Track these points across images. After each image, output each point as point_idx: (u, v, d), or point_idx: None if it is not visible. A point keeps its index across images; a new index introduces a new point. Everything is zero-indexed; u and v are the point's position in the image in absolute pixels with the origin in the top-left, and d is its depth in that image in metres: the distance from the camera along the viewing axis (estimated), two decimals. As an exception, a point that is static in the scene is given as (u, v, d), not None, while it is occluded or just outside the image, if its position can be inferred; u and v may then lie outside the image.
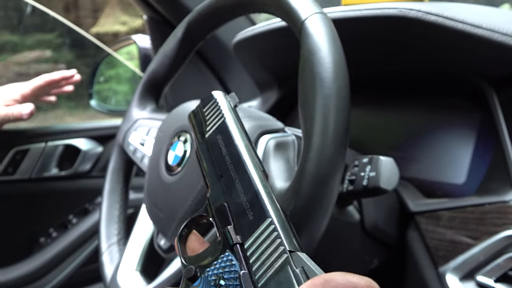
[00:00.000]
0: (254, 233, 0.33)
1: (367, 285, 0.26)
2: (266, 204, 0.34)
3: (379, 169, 0.62)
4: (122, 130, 0.92)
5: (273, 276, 0.30)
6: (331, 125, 0.50)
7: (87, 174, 1.47)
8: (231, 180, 0.38)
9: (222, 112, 0.45)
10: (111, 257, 0.87)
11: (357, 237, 0.72)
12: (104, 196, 0.91)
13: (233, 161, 0.40)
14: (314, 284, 0.26)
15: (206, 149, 0.43)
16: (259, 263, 0.31)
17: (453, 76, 0.78)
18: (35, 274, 1.38)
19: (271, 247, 0.31)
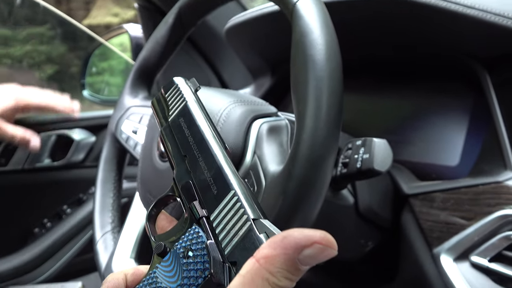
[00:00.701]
0: (218, 206, 0.35)
1: (322, 236, 0.28)
2: (229, 178, 0.36)
3: (373, 150, 0.62)
4: (114, 118, 0.91)
5: (238, 243, 0.32)
6: (324, 107, 0.50)
7: (80, 164, 1.47)
8: (194, 159, 0.40)
9: (183, 96, 0.47)
10: (106, 245, 0.87)
11: (352, 220, 0.72)
12: (98, 185, 0.90)
13: (195, 140, 0.41)
14: (274, 242, 0.28)
15: (170, 132, 0.45)
16: (225, 233, 0.33)
17: (447, 58, 0.78)
18: (30, 264, 1.38)
19: (235, 217, 0.33)
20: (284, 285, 0.28)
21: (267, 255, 0.28)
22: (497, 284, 0.62)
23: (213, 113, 0.66)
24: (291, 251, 0.28)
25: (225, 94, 0.71)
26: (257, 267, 0.28)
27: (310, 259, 0.28)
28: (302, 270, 0.28)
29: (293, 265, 0.28)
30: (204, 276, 0.32)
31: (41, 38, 2.78)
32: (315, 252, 0.28)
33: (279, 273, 0.28)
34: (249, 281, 0.28)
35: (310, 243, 0.28)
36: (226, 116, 0.65)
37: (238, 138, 0.64)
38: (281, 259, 0.28)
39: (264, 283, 0.28)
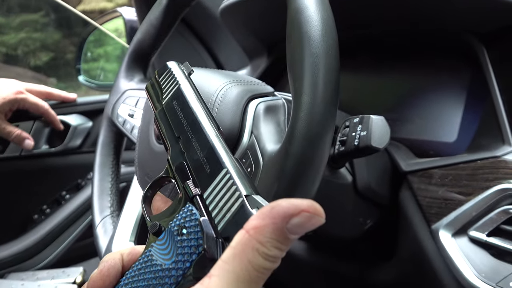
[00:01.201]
0: (211, 184, 0.36)
1: (309, 205, 0.28)
2: (221, 157, 0.37)
3: (370, 127, 0.62)
4: (110, 102, 0.91)
5: (231, 219, 0.32)
6: (321, 84, 0.49)
7: (77, 149, 1.47)
8: (188, 140, 0.41)
9: (176, 79, 0.47)
10: (105, 229, 0.87)
11: (350, 198, 0.72)
12: (95, 170, 0.90)
13: (189, 122, 0.42)
14: (262, 213, 0.29)
15: (163, 115, 0.45)
16: (218, 209, 0.34)
17: (444, 34, 0.78)
18: (31, 251, 1.38)
19: (228, 194, 0.34)
20: (274, 254, 0.29)
21: (256, 225, 0.29)
22: (496, 258, 0.62)
23: (209, 94, 0.66)
24: (279, 220, 0.28)
25: (221, 74, 0.70)
26: (246, 237, 0.29)
27: (298, 227, 0.28)
28: (291, 240, 0.29)
29: (282, 234, 0.28)
30: (198, 252, 0.33)
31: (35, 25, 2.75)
32: (303, 221, 0.28)
33: (268, 243, 0.28)
34: (239, 252, 0.29)
35: (298, 212, 0.28)
36: (223, 96, 0.65)
37: (235, 118, 0.63)
38: (270, 229, 0.28)
39: (254, 253, 0.28)
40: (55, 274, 1.29)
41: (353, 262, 0.87)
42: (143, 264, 0.35)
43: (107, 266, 0.37)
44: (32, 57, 2.79)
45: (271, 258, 0.29)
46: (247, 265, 0.28)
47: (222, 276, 0.29)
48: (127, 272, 0.35)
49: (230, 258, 0.29)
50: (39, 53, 2.79)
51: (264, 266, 0.29)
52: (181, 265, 0.33)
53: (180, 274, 0.33)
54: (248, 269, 0.28)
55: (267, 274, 0.29)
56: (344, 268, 0.87)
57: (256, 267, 0.28)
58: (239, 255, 0.29)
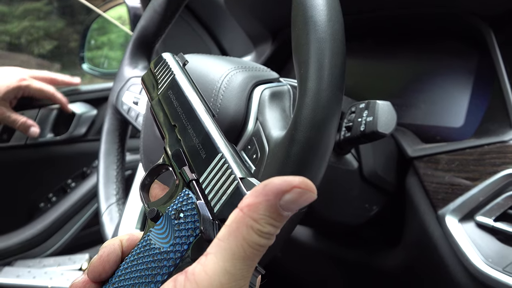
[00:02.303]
0: (207, 168, 0.37)
1: (301, 181, 0.29)
2: (216, 142, 0.38)
3: (376, 113, 0.62)
4: (114, 90, 0.91)
5: (226, 201, 0.33)
6: (326, 69, 0.49)
7: (82, 137, 1.47)
8: (183, 127, 0.42)
9: (171, 70, 0.48)
10: (111, 216, 0.87)
11: (356, 184, 0.72)
12: (101, 157, 0.90)
13: (184, 110, 0.43)
14: (255, 190, 0.30)
15: (159, 105, 0.46)
16: (214, 192, 0.35)
17: (451, 17, 0.77)
18: (37, 239, 1.39)
19: (223, 177, 0.35)
20: (268, 231, 0.29)
21: (249, 203, 0.30)
22: (503, 243, 0.62)
23: (214, 80, 0.66)
24: (272, 197, 0.29)
25: (226, 61, 0.70)
26: (241, 215, 0.30)
27: (291, 203, 0.29)
28: (284, 216, 0.30)
29: (275, 211, 0.29)
30: (195, 235, 0.34)
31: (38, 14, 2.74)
32: (295, 196, 0.29)
33: (262, 220, 0.29)
34: (234, 230, 0.30)
35: (290, 188, 0.29)
36: (227, 83, 0.65)
37: (240, 105, 0.63)
38: (263, 206, 0.29)
39: (249, 230, 0.29)
40: (62, 261, 1.30)
41: (359, 248, 0.87)
42: (141, 248, 0.35)
43: (106, 251, 0.37)
44: (36, 46, 2.78)
45: (265, 235, 0.29)
46: (242, 242, 0.29)
47: (218, 253, 0.29)
48: (127, 257, 0.36)
49: (225, 236, 0.30)
50: (42, 41, 2.78)
51: (259, 242, 0.29)
52: (179, 248, 0.34)
53: (178, 256, 0.34)
54: (243, 246, 0.29)
55: (262, 250, 0.30)
56: (350, 254, 0.87)
57: (251, 244, 0.29)
58: (234, 232, 0.29)
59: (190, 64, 0.73)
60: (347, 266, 0.90)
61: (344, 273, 0.91)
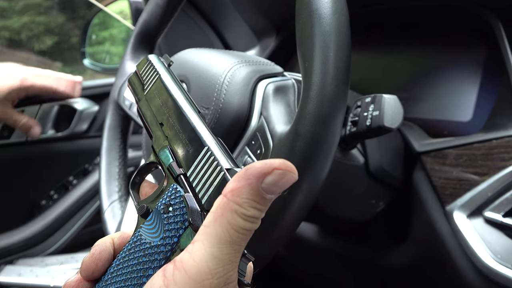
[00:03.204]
0: (194, 162, 0.38)
1: (281, 162, 0.30)
2: (202, 136, 0.39)
3: (383, 107, 0.62)
4: (116, 85, 0.91)
5: (214, 192, 0.34)
6: (332, 62, 0.49)
7: (84, 134, 1.47)
8: (170, 125, 0.43)
9: (157, 71, 0.49)
10: (113, 214, 0.87)
11: (362, 180, 0.72)
12: (102, 154, 0.91)
13: (170, 108, 0.44)
14: (238, 175, 0.31)
15: (146, 105, 0.48)
16: (201, 185, 0.36)
17: (458, 10, 0.77)
18: (38, 236, 1.39)
19: (210, 169, 0.36)
20: (252, 214, 0.31)
21: (232, 188, 0.31)
22: None
23: (217, 75, 0.66)
24: (254, 180, 0.30)
25: (229, 55, 0.70)
26: (225, 201, 0.31)
27: (272, 185, 0.30)
28: (267, 199, 0.31)
29: (258, 194, 0.30)
30: (184, 227, 0.35)
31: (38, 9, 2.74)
32: (276, 178, 0.30)
33: (246, 203, 0.30)
34: (219, 215, 0.31)
35: (271, 170, 0.30)
36: (231, 77, 0.65)
37: (243, 100, 0.63)
38: (246, 190, 0.30)
39: (233, 214, 0.30)
40: (64, 259, 1.31)
41: (365, 245, 0.87)
42: (132, 244, 0.37)
43: (98, 250, 0.38)
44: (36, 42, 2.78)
45: (250, 219, 0.31)
46: (227, 226, 0.30)
47: (205, 239, 0.30)
48: (118, 254, 0.37)
49: (210, 222, 0.31)
50: (43, 37, 2.78)
51: (244, 226, 0.31)
52: (169, 241, 0.35)
53: (168, 249, 0.35)
54: (228, 230, 0.30)
55: (248, 234, 0.31)
56: (356, 251, 0.88)
57: (236, 228, 0.30)
58: (219, 218, 0.31)
59: (193, 58, 0.73)
60: (352, 264, 0.90)
61: (350, 271, 0.92)
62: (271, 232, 0.52)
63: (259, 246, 0.52)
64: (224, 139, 0.64)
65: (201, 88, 0.68)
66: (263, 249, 0.53)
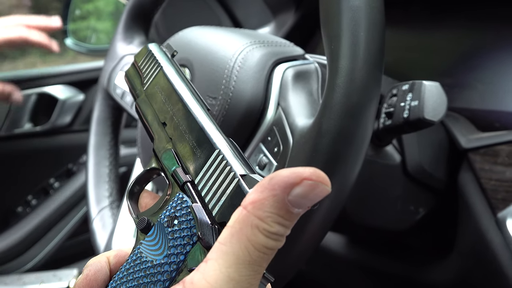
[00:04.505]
0: (203, 168, 0.38)
1: (312, 172, 0.30)
2: (212, 138, 0.39)
3: (423, 96, 0.62)
4: (106, 70, 0.92)
5: (227, 202, 0.34)
6: (362, 43, 0.50)
7: (67, 128, 1.48)
8: (175, 124, 0.43)
9: (158, 62, 0.50)
10: (103, 223, 0.88)
11: (399, 182, 0.72)
12: (90, 152, 0.92)
13: (174, 105, 0.45)
14: (260, 185, 0.30)
15: (146, 102, 0.48)
16: (211, 194, 0.36)
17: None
18: (14, 250, 1.40)
19: (221, 176, 0.36)
20: (276, 231, 0.30)
21: (254, 199, 0.30)
22: None
23: (226, 58, 0.67)
24: (280, 192, 0.29)
25: (240, 34, 0.71)
26: (244, 214, 0.30)
27: (301, 198, 0.29)
28: (294, 214, 0.30)
29: (283, 207, 0.30)
30: (192, 243, 0.35)
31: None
32: (306, 190, 0.29)
33: (269, 218, 0.30)
34: (237, 230, 0.30)
35: (300, 180, 0.29)
36: (242, 61, 0.65)
37: (257, 88, 0.64)
38: (269, 202, 0.30)
39: (254, 230, 0.30)
40: (45, 277, 1.31)
41: (401, 259, 0.87)
42: (131, 263, 0.37)
43: (93, 270, 0.38)
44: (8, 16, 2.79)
45: (273, 236, 0.30)
46: (247, 244, 0.30)
47: (220, 258, 0.30)
48: (115, 275, 0.37)
49: (227, 238, 0.30)
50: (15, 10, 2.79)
51: (266, 244, 0.30)
52: (174, 259, 0.35)
53: (174, 268, 0.35)
54: (248, 249, 0.30)
55: (270, 254, 0.31)
56: (390, 266, 0.88)
57: (258, 246, 0.30)
58: (237, 234, 0.30)
59: (197, 38, 0.74)
60: (386, 281, 0.90)
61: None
62: (292, 246, 0.52)
63: (278, 262, 0.53)
64: (235, 135, 0.64)
65: (207, 75, 0.68)
66: (282, 266, 0.53)
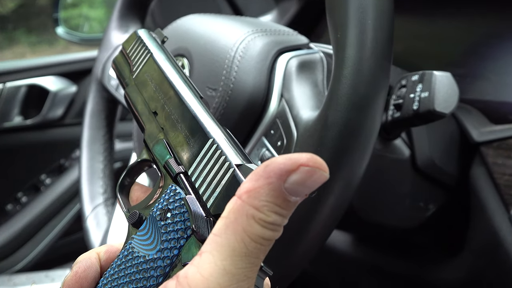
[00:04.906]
0: (196, 158, 0.38)
1: (308, 158, 0.29)
2: (205, 126, 0.39)
3: (433, 87, 0.62)
4: (100, 61, 0.92)
5: (222, 194, 0.35)
6: (370, 32, 0.50)
7: (59, 121, 1.48)
8: (166, 114, 0.44)
9: (148, 48, 0.50)
10: (98, 221, 0.89)
11: (408, 177, 0.72)
12: (83, 147, 0.92)
13: (165, 93, 0.45)
14: (255, 173, 0.30)
15: (136, 91, 0.48)
16: (206, 185, 0.36)
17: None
18: (4, 249, 1.40)
19: (216, 166, 0.36)
20: (273, 220, 0.30)
21: (249, 188, 0.30)
22: None
23: (226, 48, 0.67)
24: (275, 179, 0.29)
25: (241, 23, 0.71)
26: (239, 204, 0.30)
27: (298, 185, 0.29)
28: (292, 202, 0.30)
29: (280, 195, 0.30)
30: (186, 236, 0.35)
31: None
32: (303, 177, 0.29)
33: (265, 207, 0.30)
34: (232, 221, 0.30)
35: (296, 167, 0.29)
36: (244, 51, 0.65)
37: (259, 79, 0.64)
38: (265, 190, 0.30)
39: (250, 220, 0.30)
40: (37, 278, 1.32)
41: (410, 258, 0.87)
42: (123, 259, 0.37)
43: (82, 267, 0.38)
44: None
45: (270, 226, 0.30)
46: (243, 235, 0.30)
47: (215, 250, 0.30)
48: (106, 271, 0.38)
49: (222, 229, 0.30)
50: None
51: (263, 235, 0.30)
52: (167, 253, 0.35)
53: (167, 263, 0.35)
54: (244, 240, 0.30)
55: (267, 245, 0.30)
56: (399, 265, 0.88)
57: (254, 237, 0.30)
58: (232, 224, 0.30)
59: (196, 27, 0.74)
60: (394, 280, 0.91)
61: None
62: (296, 244, 0.53)
63: (281, 262, 0.53)
64: (236, 128, 0.65)
65: (206, 65, 0.68)
66: (286, 265, 0.54)
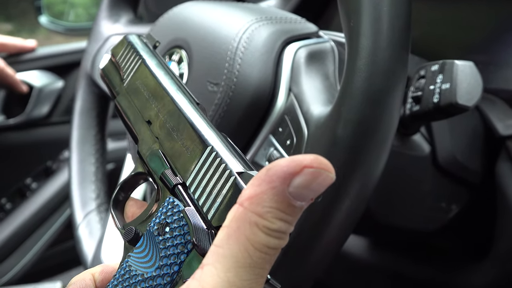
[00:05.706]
0: (194, 167, 0.39)
1: (312, 159, 0.30)
2: (203, 134, 0.40)
3: (455, 78, 0.62)
4: (89, 53, 0.92)
5: (223, 203, 0.35)
6: (386, 19, 0.50)
7: (45, 120, 1.47)
8: (161, 122, 0.44)
9: (139, 54, 0.50)
10: (90, 229, 0.89)
11: (428, 176, 0.72)
12: (73, 147, 0.92)
13: (158, 101, 0.46)
14: (257, 178, 0.31)
15: (127, 100, 0.49)
16: (206, 195, 0.37)
17: None
18: (-13, 261, 1.40)
19: (216, 175, 0.37)
20: (278, 227, 0.30)
21: (251, 194, 0.31)
22: None
23: (228, 38, 0.67)
24: (279, 183, 0.30)
25: (243, 10, 0.71)
26: (241, 211, 0.31)
27: (302, 189, 0.30)
28: (297, 208, 0.30)
29: (284, 200, 0.30)
30: (186, 251, 0.36)
31: None
32: (307, 179, 0.30)
33: (269, 214, 0.30)
34: (234, 230, 0.31)
35: (300, 169, 0.30)
36: (247, 41, 0.66)
37: (265, 71, 0.64)
38: (268, 196, 0.30)
39: (253, 229, 0.30)
40: (24, 291, 1.32)
41: (432, 263, 0.88)
42: (119, 279, 0.37)
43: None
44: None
45: (275, 233, 0.30)
46: (246, 244, 0.30)
47: (217, 262, 0.30)
48: None
49: (223, 240, 0.31)
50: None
51: (268, 243, 0.30)
52: (167, 270, 0.35)
53: (167, 281, 0.35)
54: (248, 249, 0.30)
55: (272, 254, 0.31)
56: (419, 270, 0.88)
57: (258, 246, 0.30)
58: (235, 234, 0.30)
59: (194, 15, 0.74)
60: (414, 287, 0.91)
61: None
62: (309, 252, 0.53)
63: (292, 272, 0.53)
64: (241, 126, 0.65)
65: (207, 57, 0.69)
66: (298, 276, 0.54)
